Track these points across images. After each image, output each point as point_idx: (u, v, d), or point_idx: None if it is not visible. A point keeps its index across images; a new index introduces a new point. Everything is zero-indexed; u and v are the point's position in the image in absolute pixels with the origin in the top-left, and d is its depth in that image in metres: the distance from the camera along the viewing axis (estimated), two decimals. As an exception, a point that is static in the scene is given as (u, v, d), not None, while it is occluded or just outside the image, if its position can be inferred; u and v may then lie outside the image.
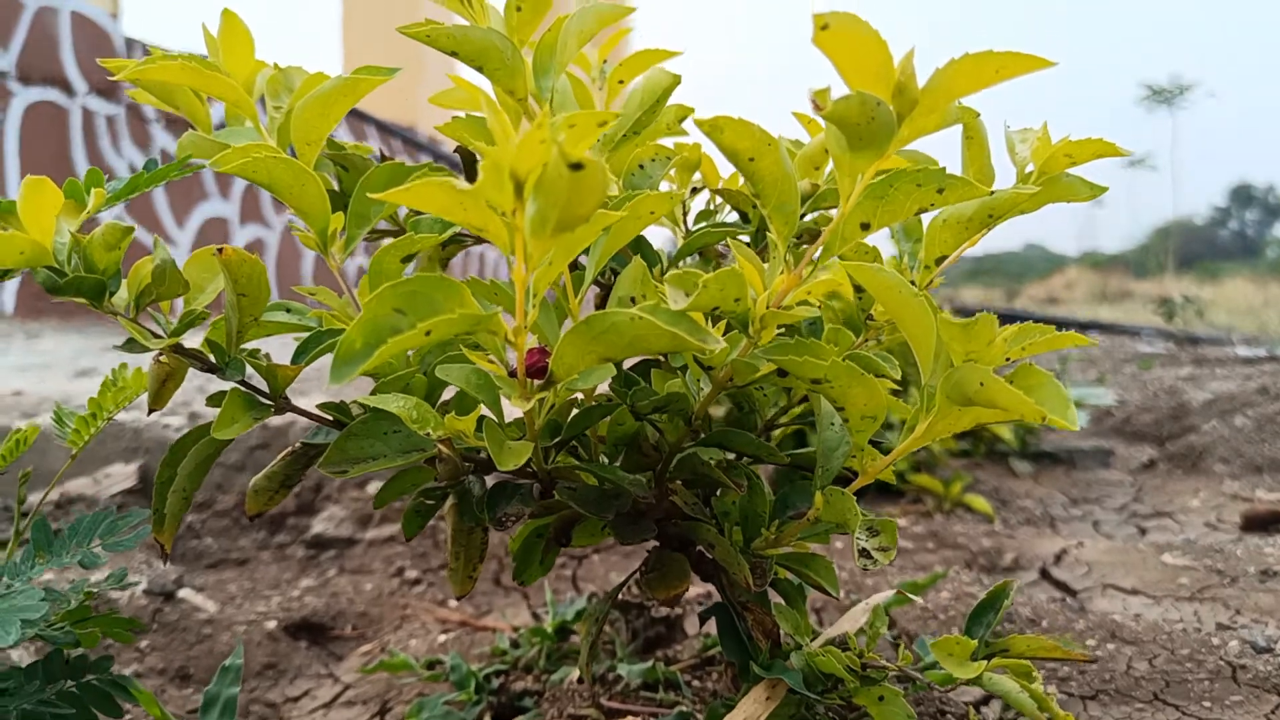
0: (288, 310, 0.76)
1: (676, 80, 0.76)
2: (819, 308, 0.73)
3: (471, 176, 0.84)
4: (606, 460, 0.76)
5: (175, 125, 5.12)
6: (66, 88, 4.35)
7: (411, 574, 1.38)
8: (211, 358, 0.63)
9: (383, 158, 0.84)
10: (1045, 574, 1.48)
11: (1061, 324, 6.19)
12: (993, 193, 0.75)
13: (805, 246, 0.64)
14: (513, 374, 0.61)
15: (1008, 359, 0.64)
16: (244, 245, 6.18)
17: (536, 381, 0.62)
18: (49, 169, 4.56)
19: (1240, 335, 6.33)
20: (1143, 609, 1.31)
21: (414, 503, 0.75)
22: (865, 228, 0.62)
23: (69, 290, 0.56)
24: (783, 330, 0.70)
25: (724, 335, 0.66)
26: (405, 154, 7.22)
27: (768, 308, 0.63)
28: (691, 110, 0.91)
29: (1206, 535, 1.72)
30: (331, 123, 0.76)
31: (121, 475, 1.50)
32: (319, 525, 1.49)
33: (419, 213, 0.81)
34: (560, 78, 0.78)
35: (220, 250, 0.59)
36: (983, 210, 0.72)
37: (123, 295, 0.61)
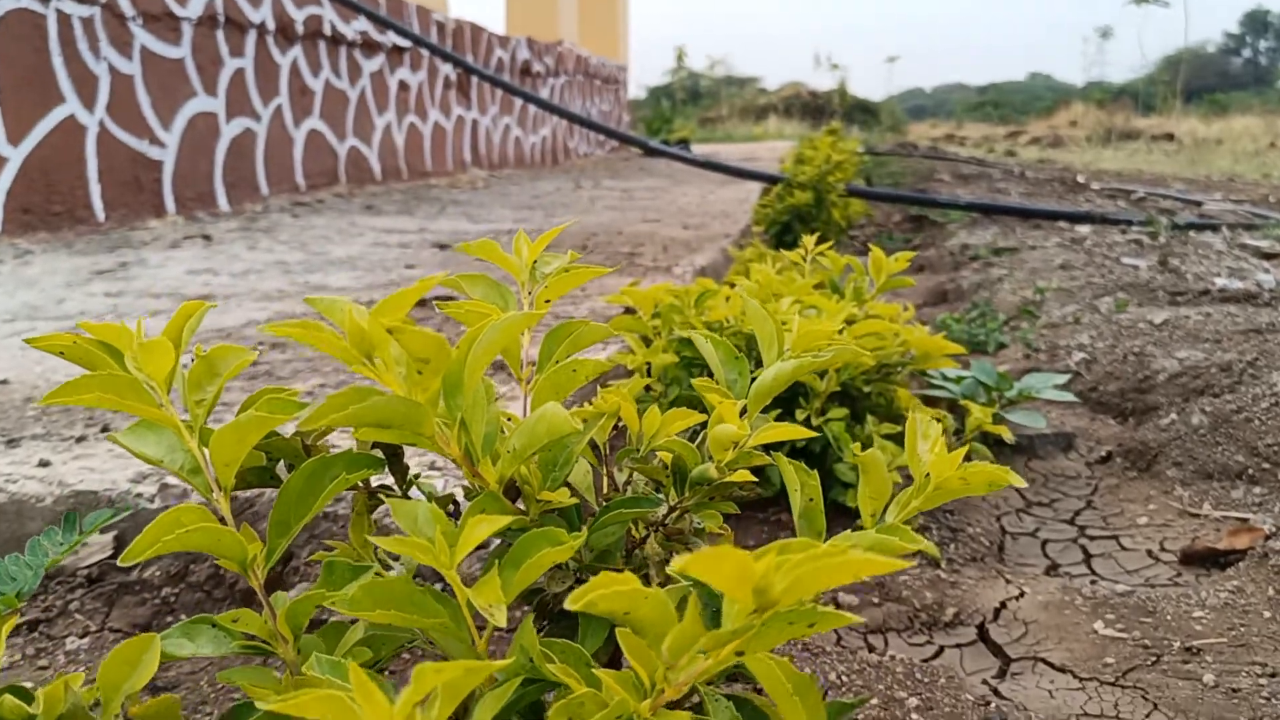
0: (214, 625, 0.81)
1: (575, 427, 0.78)
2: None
3: (394, 468, 0.87)
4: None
5: (154, 22, 4.99)
6: (39, -7, 4.24)
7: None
8: (134, 753, 0.68)
9: (307, 454, 0.87)
10: (982, 634, 1.56)
11: (1053, 215, 6.15)
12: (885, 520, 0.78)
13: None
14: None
15: None
16: (233, 139, 6.10)
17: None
18: (29, 81, 4.48)
19: (1236, 208, 6.29)
20: (1067, 697, 1.38)
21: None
22: (740, 654, 0.66)
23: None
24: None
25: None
26: (385, 37, 7.03)
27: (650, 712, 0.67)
28: (609, 366, 0.93)
29: (1146, 570, 1.80)
30: (247, 448, 0.79)
31: (97, 545, 1.56)
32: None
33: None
34: (472, 391, 0.80)
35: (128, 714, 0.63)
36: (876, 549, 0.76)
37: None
